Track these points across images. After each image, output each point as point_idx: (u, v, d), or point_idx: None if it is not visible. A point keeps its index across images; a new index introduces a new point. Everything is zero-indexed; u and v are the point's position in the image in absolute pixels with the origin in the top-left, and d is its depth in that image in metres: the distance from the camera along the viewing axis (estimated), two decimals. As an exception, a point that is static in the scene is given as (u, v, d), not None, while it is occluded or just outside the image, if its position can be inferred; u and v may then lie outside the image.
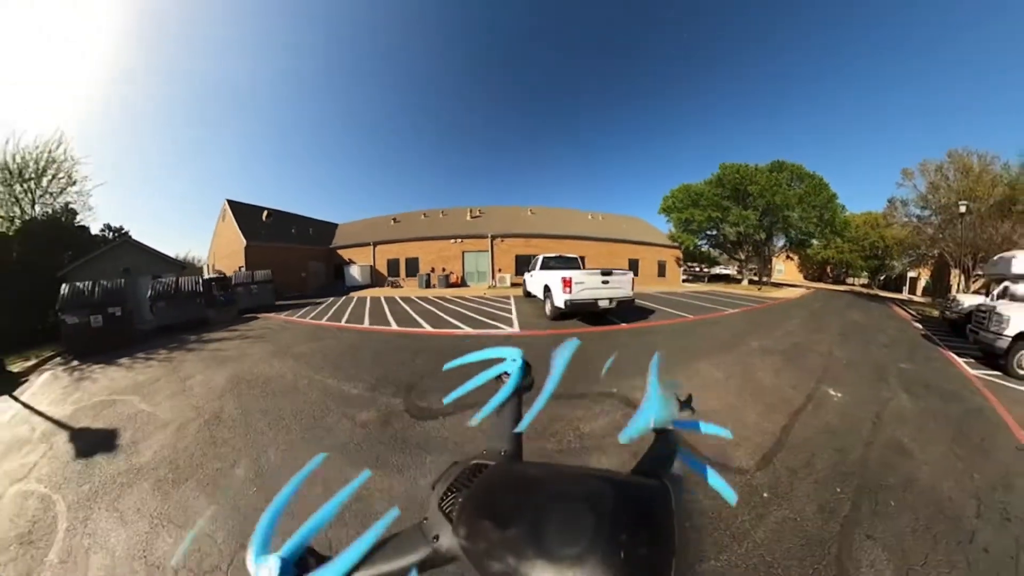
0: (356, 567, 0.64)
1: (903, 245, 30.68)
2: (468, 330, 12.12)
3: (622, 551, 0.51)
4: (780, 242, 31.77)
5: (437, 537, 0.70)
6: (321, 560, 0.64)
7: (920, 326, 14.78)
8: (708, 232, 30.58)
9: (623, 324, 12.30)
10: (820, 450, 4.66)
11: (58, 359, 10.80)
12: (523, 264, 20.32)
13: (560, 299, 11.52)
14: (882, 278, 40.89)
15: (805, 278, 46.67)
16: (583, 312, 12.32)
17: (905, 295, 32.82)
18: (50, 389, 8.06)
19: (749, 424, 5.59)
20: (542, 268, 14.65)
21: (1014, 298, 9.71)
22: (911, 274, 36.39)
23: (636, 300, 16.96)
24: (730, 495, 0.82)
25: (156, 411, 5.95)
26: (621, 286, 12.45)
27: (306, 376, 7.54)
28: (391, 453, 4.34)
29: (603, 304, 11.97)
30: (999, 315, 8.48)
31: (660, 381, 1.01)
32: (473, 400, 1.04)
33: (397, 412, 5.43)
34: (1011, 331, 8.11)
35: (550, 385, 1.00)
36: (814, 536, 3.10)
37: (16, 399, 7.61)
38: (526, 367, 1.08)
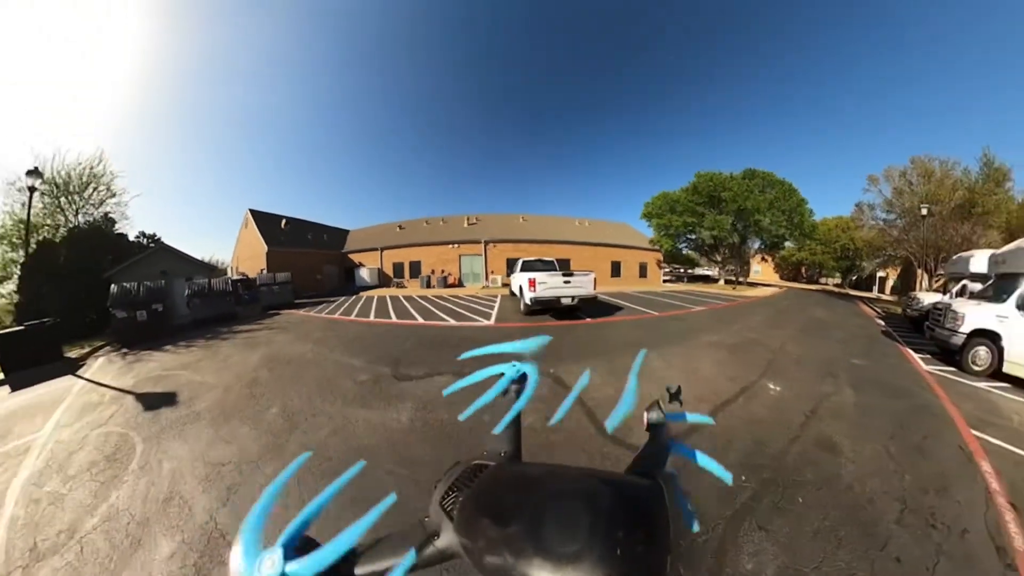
0: (354, 556, 0.62)
1: (871, 247, 30.65)
2: (452, 322, 12.95)
3: (618, 548, 0.50)
4: (755, 245, 31.81)
5: (437, 534, 0.67)
6: (315, 547, 0.59)
7: (883, 323, 14.29)
8: (687, 236, 30.66)
9: (588, 319, 12.83)
10: (737, 439, 4.49)
11: (107, 347, 11.56)
12: (513, 267, 21.31)
13: (527, 297, 12.17)
14: (854, 278, 40.90)
15: (781, 278, 46.65)
16: (551, 308, 12.90)
17: (874, 294, 33.08)
18: (107, 369, 8.92)
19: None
20: (522, 270, 15.04)
21: (972, 296, 9.41)
22: (880, 274, 36.39)
23: (609, 298, 17.69)
24: (724, 475, 0.82)
25: (205, 379, 6.94)
26: (582, 285, 12.87)
27: (322, 354, 8.66)
28: (375, 400, 5.55)
29: (565, 301, 12.47)
30: (954, 312, 8.18)
31: (640, 378, 1.02)
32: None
33: (386, 376, 6.56)
34: (966, 328, 7.85)
35: (527, 393, 0.99)
36: (702, 511, 2.97)
37: (80, 376, 8.38)
38: (522, 377, 1.04)
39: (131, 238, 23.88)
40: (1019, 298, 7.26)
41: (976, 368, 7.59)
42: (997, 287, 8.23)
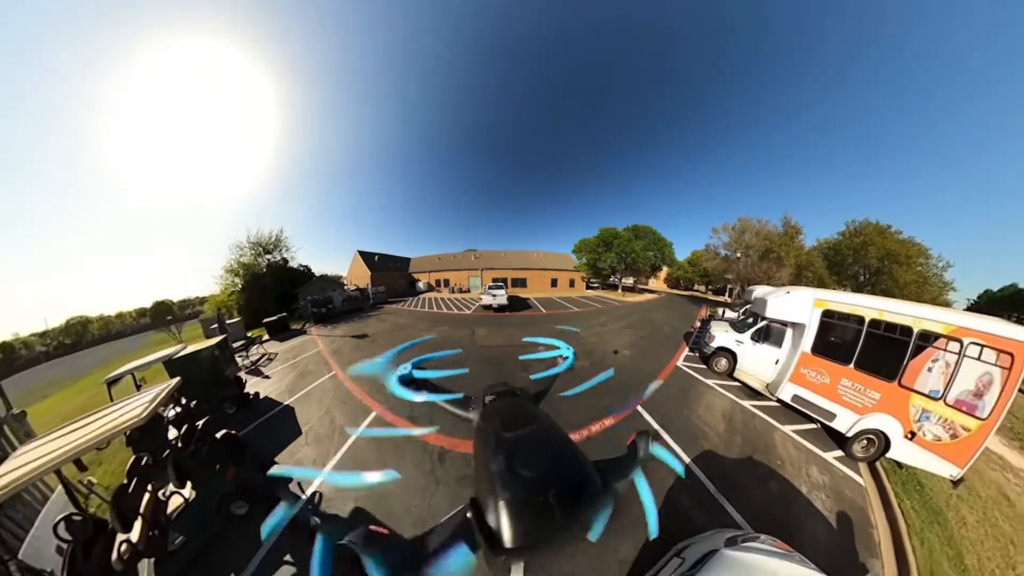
0: (436, 391, 1.08)
1: (717, 272, 29.93)
2: (455, 311, 17.19)
3: (541, 498, 0.49)
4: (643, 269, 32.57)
5: (472, 409, 0.82)
6: (421, 384, 1.07)
7: (698, 324, 13.03)
8: (595, 264, 31.64)
9: (508, 312, 16.26)
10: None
11: (308, 324, 15.25)
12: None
13: (481, 303, 17.06)
14: (717, 287, 40.18)
15: (668, 287, 47.62)
16: (490, 308, 16.66)
17: (724, 298, 33.16)
18: (321, 331, 13.04)
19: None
20: (488, 288, 18.41)
21: (731, 323, 8.49)
22: (729, 285, 35.15)
23: (535, 301, 21.51)
24: (677, 467, 0.75)
25: (372, 330, 12.80)
26: (500, 299, 16.66)
27: (407, 320, 14.51)
28: (424, 331, 11.51)
29: (493, 306, 16.65)
30: (710, 334, 7.90)
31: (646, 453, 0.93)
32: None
33: (429, 327, 12.48)
34: (714, 345, 7.61)
35: (591, 383, 1.22)
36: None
37: (310, 334, 12.48)
38: (574, 357, 1.20)
39: (295, 267, 26.27)
40: (753, 333, 6.83)
41: (717, 370, 7.41)
42: (749, 318, 7.72)
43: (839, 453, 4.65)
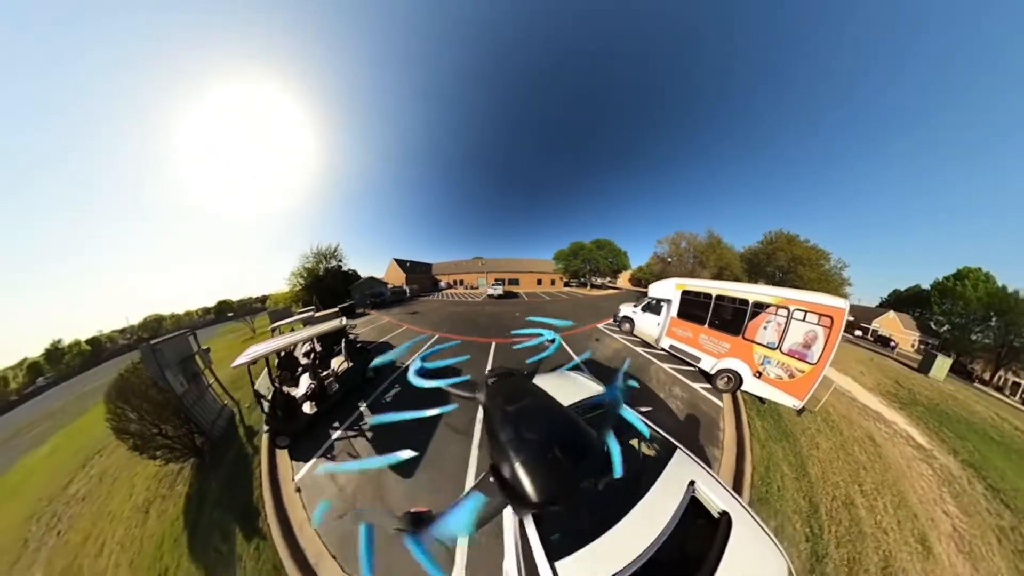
0: (442, 388, 0.73)
1: (661, 272, 29.42)
2: (470, 299, 19.88)
3: (548, 455, 0.47)
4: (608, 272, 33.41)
5: (478, 391, 0.72)
6: (431, 373, 0.71)
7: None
8: (567, 268, 32.96)
9: (505, 298, 19.47)
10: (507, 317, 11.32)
11: (366, 308, 17.58)
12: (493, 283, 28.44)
13: (485, 294, 20.25)
14: None
15: (632, 285, 48.31)
16: (493, 297, 19.93)
17: None
18: (381, 312, 15.07)
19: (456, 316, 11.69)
20: (492, 285, 22.86)
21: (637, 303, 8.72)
22: None
23: (523, 293, 24.98)
24: (617, 467, 0.64)
25: (419, 310, 16.32)
26: (498, 291, 20.42)
27: (438, 305, 17.41)
28: (450, 310, 15.31)
29: (495, 295, 20.27)
30: (619, 309, 8.92)
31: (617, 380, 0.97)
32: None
33: (452, 307, 16.28)
34: (620, 315, 8.68)
35: (538, 340, 1.05)
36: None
37: (372, 313, 15.18)
38: (553, 339, 1.07)
39: (346, 270, 26.10)
40: (643, 306, 7.79)
41: (623, 331, 8.24)
42: (647, 299, 8.05)
43: (707, 385, 5.10)
